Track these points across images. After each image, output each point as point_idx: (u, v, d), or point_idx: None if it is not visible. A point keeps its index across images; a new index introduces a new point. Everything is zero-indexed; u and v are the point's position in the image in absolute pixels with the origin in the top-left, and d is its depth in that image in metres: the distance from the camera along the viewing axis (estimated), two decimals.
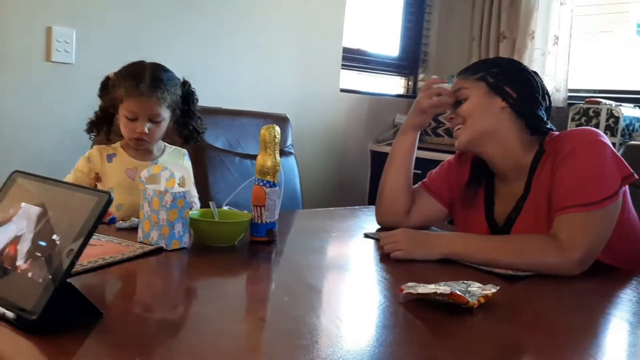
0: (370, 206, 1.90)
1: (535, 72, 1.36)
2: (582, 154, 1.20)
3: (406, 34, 3.62)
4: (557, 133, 1.31)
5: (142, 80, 1.38)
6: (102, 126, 1.46)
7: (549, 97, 1.35)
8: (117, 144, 1.48)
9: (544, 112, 1.33)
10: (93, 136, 1.50)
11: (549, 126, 1.33)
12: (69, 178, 1.44)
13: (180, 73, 1.54)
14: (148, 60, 1.48)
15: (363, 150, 3.34)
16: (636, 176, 1.21)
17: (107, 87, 1.43)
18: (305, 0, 2.96)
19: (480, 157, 1.38)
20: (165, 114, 1.43)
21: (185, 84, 1.48)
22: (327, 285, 1.06)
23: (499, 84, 1.30)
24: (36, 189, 0.86)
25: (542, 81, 1.35)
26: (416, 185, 1.54)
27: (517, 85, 1.31)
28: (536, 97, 1.32)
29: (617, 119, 2.52)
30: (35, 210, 0.82)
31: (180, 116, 1.49)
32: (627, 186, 1.24)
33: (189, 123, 1.50)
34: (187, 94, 1.49)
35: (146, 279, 1.05)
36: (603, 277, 1.20)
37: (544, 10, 3.05)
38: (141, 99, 1.38)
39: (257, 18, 2.79)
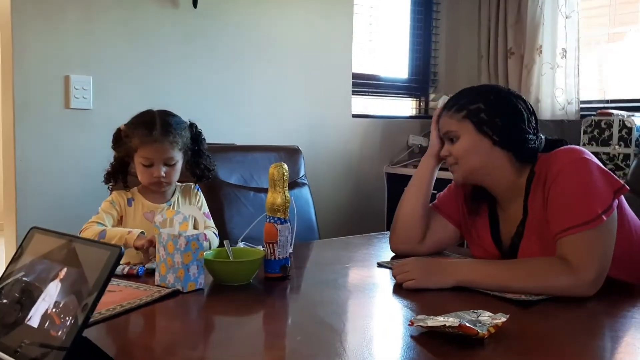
0: (385, 232, 1.91)
1: (519, 96, 1.35)
2: (569, 175, 1.21)
3: (415, 55, 3.65)
4: (545, 154, 1.31)
5: (153, 127, 1.44)
6: (119, 175, 1.51)
7: (535, 117, 1.35)
8: (135, 188, 1.53)
9: (532, 135, 1.32)
10: (111, 186, 1.55)
11: (538, 148, 1.33)
12: (97, 217, 1.47)
13: (192, 113, 1.59)
14: (157, 107, 1.55)
15: (379, 174, 3.36)
16: (627, 187, 1.22)
17: (119, 139, 1.49)
18: (312, 30, 3.02)
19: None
20: (178, 157, 1.48)
21: (192, 126, 1.54)
22: (340, 321, 1.08)
23: (484, 122, 1.31)
24: (53, 245, 0.89)
25: (525, 104, 1.34)
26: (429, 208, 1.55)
27: (502, 120, 1.30)
28: (522, 126, 1.31)
29: (630, 129, 2.50)
30: (52, 265, 0.86)
31: (191, 157, 1.54)
32: (623, 200, 1.25)
33: (200, 162, 1.55)
34: (195, 135, 1.54)
35: (164, 323, 1.07)
36: (616, 295, 1.19)
37: (549, 24, 3.06)
38: (155, 145, 1.44)
39: (265, 53, 2.85)
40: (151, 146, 1.44)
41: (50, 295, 0.82)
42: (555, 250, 1.21)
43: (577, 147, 1.28)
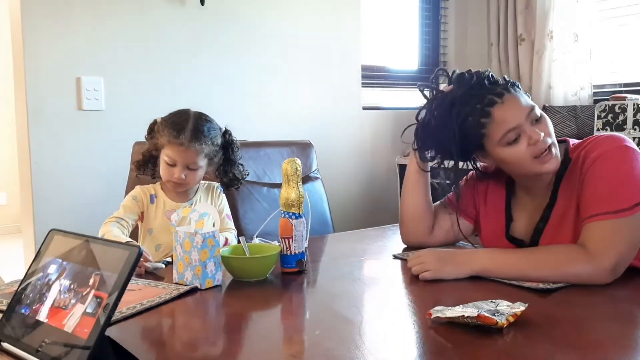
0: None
1: None
2: (610, 160, 1.19)
3: (424, 45, 3.63)
4: (577, 141, 1.31)
5: (183, 130, 1.44)
6: (148, 166, 1.52)
7: None
8: (157, 184, 1.54)
9: None
10: (139, 174, 1.56)
11: None
12: (117, 213, 1.49)
13: (203, 110, 1.59)
14: (168, 105, 1.56)
15: (390, 166, 3.36)
16: None
17: (152, 130, 1.50)
18: (320, 23, 3.01)
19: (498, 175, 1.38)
20: (202, 163, 1.49)
21: (225, 133, 1.54)
22: (358, 314, 1.08)
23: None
24: (72, 246, 0.90)
25: None
26: (441, 201, 1.54)
27: None
28: None
29: None
30: (72, 266, 0.87)
31: (222, 164, 1.54)
32: None
33: (229, 171, 1.55)
34: (227, 143, 1.54)
35: (184, 320, 1.08)
36: (638, 283, 1.18)
37: (560, 9, 3.02)
38: (180, 148, 1.45)
39: (273, 48, 2.85)
40: (177, 148, 1.45)
41: (71, 295, 0.83)
42: (578, 236, 1.19)
43: (619, 134, 1.26)
